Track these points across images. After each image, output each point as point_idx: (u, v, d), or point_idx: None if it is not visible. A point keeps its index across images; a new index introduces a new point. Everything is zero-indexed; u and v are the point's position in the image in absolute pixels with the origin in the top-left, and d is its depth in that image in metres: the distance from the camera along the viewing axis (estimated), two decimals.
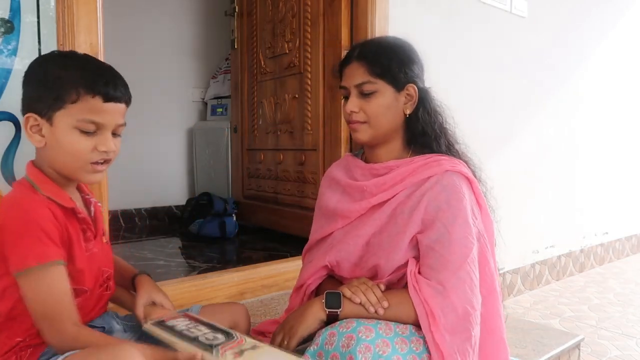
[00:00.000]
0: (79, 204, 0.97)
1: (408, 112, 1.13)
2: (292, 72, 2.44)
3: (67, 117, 0.86)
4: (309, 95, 2.34)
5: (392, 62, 1.10)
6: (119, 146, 0.93)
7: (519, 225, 2.71)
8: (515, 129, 2.69)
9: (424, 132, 1.13)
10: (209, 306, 1.17)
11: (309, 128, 2.34)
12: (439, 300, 0.99)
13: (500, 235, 1.22)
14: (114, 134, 0.92)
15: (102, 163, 0.91)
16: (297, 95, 2.42)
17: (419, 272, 1.05)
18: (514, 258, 2.71)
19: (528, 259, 2.82)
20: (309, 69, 2.32)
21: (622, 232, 3.70)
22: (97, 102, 0.87)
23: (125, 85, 0.93)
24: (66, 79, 0.86)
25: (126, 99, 0.92)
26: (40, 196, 0.88)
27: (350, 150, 1.28)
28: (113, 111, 0.89)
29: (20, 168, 1.19)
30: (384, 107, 1.11)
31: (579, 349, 1.78)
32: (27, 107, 0.89)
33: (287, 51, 2.46)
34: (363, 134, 1.14)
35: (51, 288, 0.84)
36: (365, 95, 1.11)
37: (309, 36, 2.31)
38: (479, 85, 2.45)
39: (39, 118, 0.88)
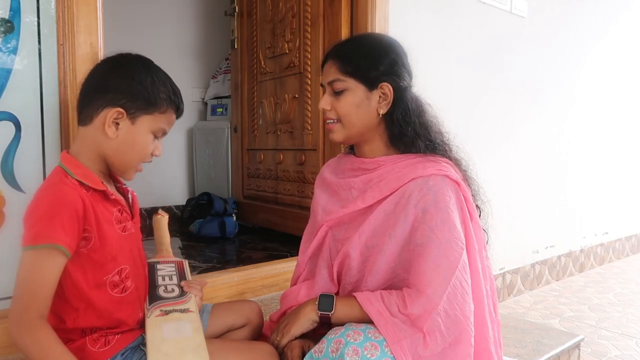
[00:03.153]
0: (112, 190, 1.00)
1: (382, 111, 1.10)
2: (292, 72, 2.45)
3: (150, 122, 0.97)
4: (309, 95, 2.34)
5: (364, 60, 1.09)
6: None
7: (519, 225, 2.71)
8: (515, 128, 2.70)
9: (401, 133, 1.10)
10: (223, 304, 1.20)
11: (309, 128, 2.35)
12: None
13: (498, 235, 1.19)
14: None
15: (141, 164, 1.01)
16: (297, 95, 2.42)
17: (406, 278, 1.04)
18: (514, 258, 2.71)
19: (528, 259, 2.82)
20: (309, 69, 2.32)
21: (622, 232, 3.70)
22: (173, 117, 1.01)
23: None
24: (163, 91, 0.97)
25: None
26: (72, 180, 0.91)
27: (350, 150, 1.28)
28: (173, 124, 1.02)
29: (20, 168, 1.20)
30: (354, 105, 1.09)
31: (579, 349, 1.78)
32: (115, 100, 0.93)
33: (287, 51, 2.46)
34: (337, 134, 1.13)
35: (39, 272, 0.84)
36: (336, 93, 1.10)
37: (309, 36, 2.31)
38: (479, 85, 2.45)
39: (124, 114, 0.94)
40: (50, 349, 0.82)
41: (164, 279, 1.06)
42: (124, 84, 0.94)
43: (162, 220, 1.26)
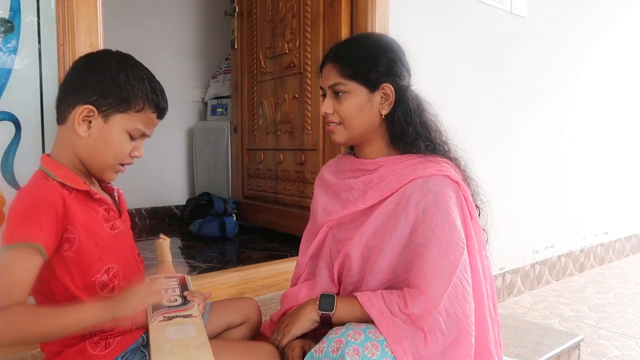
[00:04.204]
0: (97, 189, 0.98)
1: (384, 112, 1.10)
2: (292, 72, 2.45)
3: (125, 121, 0.92)
4: (309, 95, 2.34)
5: (364, 63, 1.08)
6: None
7: (519, 225, 2.71)
8: (515, 128, 2.70)
9: (403, 134, 1.10)
10: (221, 301, 1.19)
11: (309, 128, 2.35)
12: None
13: (498, 234, 1.19)
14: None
15: (124, 165, 0.98)
16: (297, 95, 2.42)
17: (406, 279, 1.04)
18: (514, 258, 2.71)
19: (528, 259, 2.82)
20: (309, 69, 2.32)
21: (622, 232, 3.70)
22: (153, 116, 0.96)
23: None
24: (139, 88, 0.92)
25: None
26: (53, 182, 0.89)
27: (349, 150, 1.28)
28: (156, 125, 0.98)
29: (20, 168, 1.20)
30: (356, 108, 1.09)
31: (579, 349, 1.78)
32: (85, 97, 0.90)
33: (287, 51, 2.46)
34: (339, 136, 1.13)
35: (14, 271, 0.81)
36: (338, 96, 1.10)
37: (309, 36, 2.31)
38: (479, 85, 2.45)
39: (95, 112, 0.90)
40: (35, 313, 0.82)
41: (166, 291, 1.06)
42: (94, 80, 0.91)
43: (164, 244, 1.27)
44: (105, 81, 0.91)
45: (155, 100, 0.94)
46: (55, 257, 0.87)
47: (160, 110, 0.97)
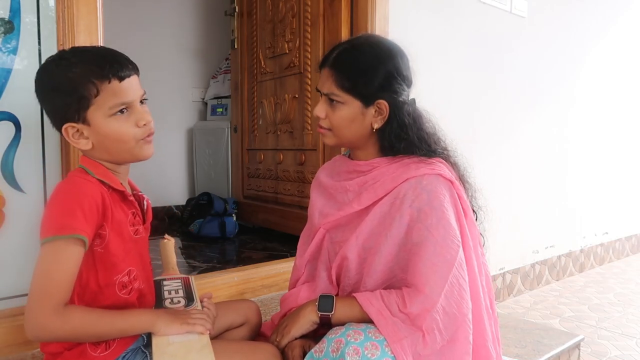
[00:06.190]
0: (129, 192, 1.00)
1: (376, 126, 1.09)
2: (292, 72, 2.45)
3: (98, 111, 0.90)
4: (309, 95, 2.34)
5: (361, 77, 1.06)
6: (149, 113, 0.97)
7: (519, 225, 2.71)
8: (515, 128, 2.70)
9: (392, 147, 1.10)
10: (222, 303, 1.20)
11: (309, 128, 2.35)
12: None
13: (498, 234, 1.19)
14: (142, 104, 0.96)
15: (147, 136, 0.96)
16: (297, 95, 2.42)
17: (404, 278, 1.04)
18: (514, 258, 2.72)
19: (528, 259, 2.82)
20: (309, 69, 2.32)
21: (622, 232, 3.70)
22: (115, 84, 0.90)
23: (127, 58, 0.95)
24: (78, 78, 0.88)
25: (135, 70, 0.95)
26: (93, 178, 0.92)
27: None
28: (131, 86, 0.93)
29: (20, 168, 1.20)
30: (348, 119, 1.09)
31: (579, 349, 1.78)
32: (59, 119, 0.92)
33: (287, 51, 2.46)
34: (329, 140, 1.16)
35: (64, 262, 0.84)
36: (332, 103, 1.10)
37: (309, 36, 2.31)
38: (479, 85, 2.45)
39: (75, 124, 0.91)
40: (92, 314, 0.86)
41: (170, 293, 1.09)
42: (48, 103, 0.93)
43: (169, 244, 1.31)
44: (55, 96, 0.91)
45: (100, 74, 0.88)
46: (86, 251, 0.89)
47: (116, 75, 0.89)
